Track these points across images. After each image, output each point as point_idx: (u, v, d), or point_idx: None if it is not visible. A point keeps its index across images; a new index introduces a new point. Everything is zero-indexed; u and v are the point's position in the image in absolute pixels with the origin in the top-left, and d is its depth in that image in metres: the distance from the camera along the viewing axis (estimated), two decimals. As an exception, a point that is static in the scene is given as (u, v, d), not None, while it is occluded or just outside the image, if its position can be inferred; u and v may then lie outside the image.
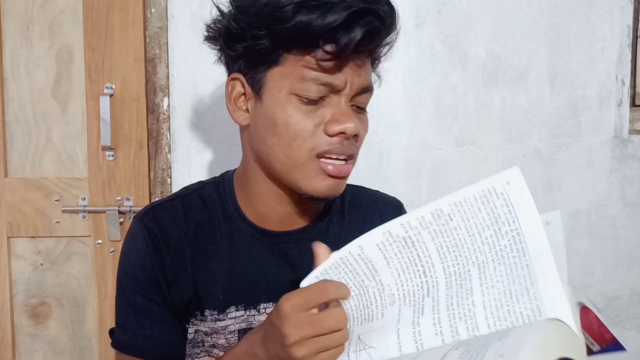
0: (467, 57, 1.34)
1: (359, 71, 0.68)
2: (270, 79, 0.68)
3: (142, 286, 0.74)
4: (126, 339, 0.75)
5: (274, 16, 0.64)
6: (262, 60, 0.68)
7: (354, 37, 0.63)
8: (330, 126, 0.67)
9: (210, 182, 0.81)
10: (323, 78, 0.66)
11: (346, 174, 0.70)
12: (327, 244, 0.78)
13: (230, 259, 0.76)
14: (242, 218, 0.77)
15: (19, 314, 1.33)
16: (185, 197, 0.79)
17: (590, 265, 1.41)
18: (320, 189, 0.69)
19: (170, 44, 1.28)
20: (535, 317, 0.51)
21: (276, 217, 0.76)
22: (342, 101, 0.68)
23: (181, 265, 0.74)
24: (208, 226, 0.76)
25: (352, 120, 0.67)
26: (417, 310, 0.56)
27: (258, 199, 0.76)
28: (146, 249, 0.74)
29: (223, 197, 0.78)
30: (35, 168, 1.30)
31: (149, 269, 0.73)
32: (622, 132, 1.38)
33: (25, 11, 1.27)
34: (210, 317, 0.75)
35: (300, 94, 0.66)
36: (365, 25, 0.63)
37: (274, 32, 0.65)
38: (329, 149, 0.67)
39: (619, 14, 1.36)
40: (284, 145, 0.68)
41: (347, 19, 0.62)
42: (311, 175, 0.69)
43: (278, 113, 0.67)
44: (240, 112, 0.73)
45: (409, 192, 1.35)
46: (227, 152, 1.30)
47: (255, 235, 0.77)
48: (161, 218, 0.75)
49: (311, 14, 0.62)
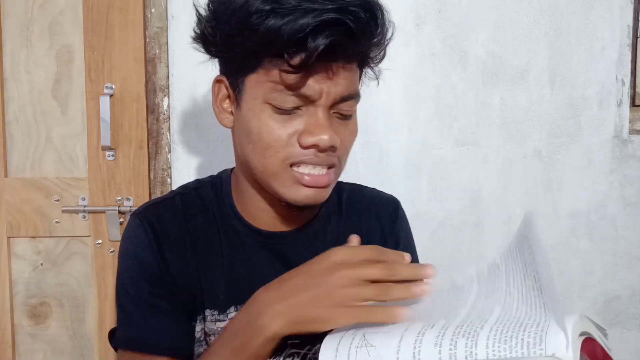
0: (467, 57, 1.34)
1: (335, 80, 0.65)
2: (248, 85, 0.67)
3: (147, 280, 0.71)
4: (130, 335, 0.71)
5: (245, 22, 0.62)
6: (238, 66, 0.67)
7: (317, 46, 0.60)
8: (303, 138, 0.65)
9: (208, 180, 0.81)
10: (294, 88, 0.64)
11: (325, 183, 0.68)
12: (324, 244, 0.77)
13: (230, 259, 0.75)
14: (239, 218, 0.76)
15: (18, 314, 1.33)
16: (184, 194, 0.78)
17: (590, 265, 1.41)
18: (298, 197, 0.68)
19: (170, 44, 1.28)
20: (535, 346, 0.50)
21: (271, 218, 0.76)
22: (318, 111, 0.65)
23: (184, 261, 0.73)
24: (207, 225, 0.76)
25: (326, 132, 0.65)
26: (427, 324, 0.56)
27: (251, 200, 0.75)
28: (149, 243, 0.72)
29: (220, 196, 0.78)
30: (35, 168, 1.30)
31: (153, 261, 0.72)
32: (622, 132, 1.38)
33: (25, 11, 1.27)
34: (211, 318, 0.74)
35: (274, 103, 0.65)
36: (330, 35, 0.60)
37: (245, 39, 0.63)
38: (302, 160, 0.66)
39: (619, 14, 1.36)
40: (258, 154, 0.67)
41: (313, 28, 0.60)
42: (287, 184, 0.67)
43: (253, 121, 0.66)
44: (225, 115, 0.72)
45: (409, 192, 1.35)
46: (227, 152, 1.29)
47: (252, 235, 0.76)
48: (162, 214, 0.74)
49: (279, 22, 0.60)
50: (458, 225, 1.37)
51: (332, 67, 0.64)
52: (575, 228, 1.40)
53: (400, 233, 0.85)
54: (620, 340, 1.40)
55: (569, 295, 1.41)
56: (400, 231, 0.85)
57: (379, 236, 0.83)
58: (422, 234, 1.36)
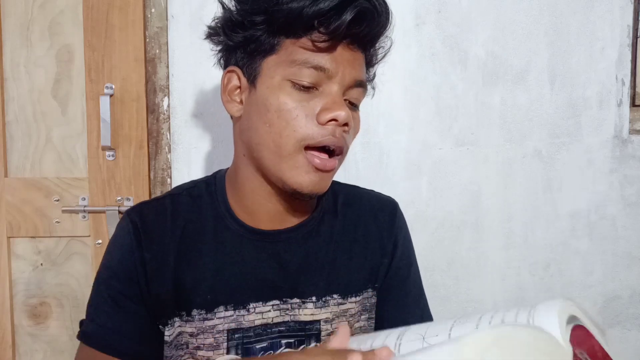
0: (467, 57, 1.34)
1: (352, 63, 0.70)
2: (266, 67, 0.70)
3: (118, 279, 0.73)
4: (92, 330, 0.73)
5: (269, 4, 0.67)
6: (259, 48, 0.70)
7: (345, 19, 0.65)
8: (322, 114, 0.68)
9: (202, 180, 0.82)
10: (314, 60, 0.67)
11: (331, 167, 0.71)
12: (318, 242, 0.78)
13: (219, 258, 0.75)
14: (232, 217, 0.77)
15: (19, 314, 1.33)
16: (175, 195, 0.79)
17: (590, 265, 1.41)
18: (304, 182, 0.70)
19: (170, 44, 1.28)
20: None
21: (266, 215, 0.76)
22: (334, 90, 0.69)
23: (162, 261, 0.74)
24: (197, 225, 0.76)
25: (343, 109, 0.68)
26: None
27: (248, 196, 0.76)
28: (129, 243, 0.74)
29: (214, 195, 0.78)
30: (35, 168, 1.30)
31: (128, 262, 0.73)
32: (622, 132, 1.38)
33: (25, 11, 1.27)
34: (198, 317, 0.74)
35: (294, 79, 0.68)
36: (355, 7, 0.65)
37: (270, 18, 0.68)
38: (320, 140, 0.68)
39: (619, 14, 1.36)
40: (274, 132, 0.69)
41: (338, 3, 0.65)
42: (297, 166, 0.69)
43: (271, 99, 0.69)
44: (234, 104, 0.74)
45: (409, 192, 1.35)
46: (227, 152, 1.30)
47: (245, 234, 0.76)
48: (146, 213, 0.76)
49: (304, 1, 0.65)
50: (458, 225, 1.37)
51: (349, 48, 0.70)
52: (575, 228, 1.40)
53: (398, 235, 0.85)
54: (620, 340, 1.40)
55: (569, 295, 1.41)
56: (398, 233, 0.85)
57: (376, 238, 0.83)
58: (422, 234, 1.36)
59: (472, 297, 1.39)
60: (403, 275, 0.84)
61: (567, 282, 1.40)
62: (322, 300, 0.77)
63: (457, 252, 1.38)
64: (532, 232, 1.39)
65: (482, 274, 1.39)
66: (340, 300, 0.78)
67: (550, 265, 1.40)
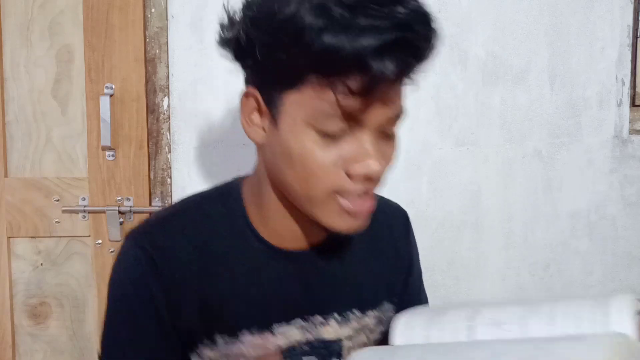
0: (467, 57, 1.34)
1: (389, 99, 0.59)
2: (287, 103, 0.59)
3: (136, 318, 0.67)
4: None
5: (295, 37, 0.54)
6: (276, 80, 0.60)
7: (383, 71, 0.54)
8: (353, 167, 0.59)
9: (213, 193, 0.74)
10: (345, 105, 0.56)
11: (370, 209, 0.64)
12: (340, 256, 0.75)
13: (241, 280, 0.69)
14: (255, 235, 0.70)
15: (19, 314, 1.33)
16: (185, 213, 0.71)
17: (590, 265, 1.41)
18: (340, 226, 0.63)
19: (170, 44, 1.28)
20: (598, 321, 0.50)
21: (291, 234, 0.70)
22: (365, 135, 0.59)
23: (184, 287, 0.68)
24: (215, 246, 0.69)
25: (376, 160, 0.59)
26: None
27: (274, 217, 0.69)
28: (142, 273, 0.66)
29: (231, 211, 0.71)
30: (35, 168, 1.30)
31: (146, 295, 0.66)
32: (622, 132, 1.38)
33: (25, 11, 1.27)
34: (222, 342, 0.69)
35: (319, 127, 0.58)
36: (396, 58, 0.54)
37: (293, 55, 0.55)
38: (349, 190, 0.60)
39: (619, 14, 1.36)
40: (301, 181, 0.61)
41: (377, 49, 0.53)
42: (330, 210, 0.62)
43: (293, 143, 0.59)
44: (255, 129, 0.64)
45: (409, 192, 1.35)
46: (227, 152, 1.30)
47: (269, 254, 0.70)
48: (156, 237, 0.68)
49: (335, 40, 0.53)
50: (458, 225, 1.37)
51: (389, 89, 0.59)
52: (575, 228, 1.40)
53: (413, 250, 0.84)
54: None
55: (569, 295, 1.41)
56: (413, 248, 0.84)
57: (392, 250, 0.80)
58: (422, 234, 1.35)
59: (472, 297, 1.39)
60: (417, 288, 0.85)
61: (567, 282, 1.40)
62: (343, 316, 0.74)
63: (457, 252, 1.38)
64: (532, 232, 1.39)
65: (482, 274, 1.39)
66: (360, 314, 0.75)
67: (550, 265, 1.40)
